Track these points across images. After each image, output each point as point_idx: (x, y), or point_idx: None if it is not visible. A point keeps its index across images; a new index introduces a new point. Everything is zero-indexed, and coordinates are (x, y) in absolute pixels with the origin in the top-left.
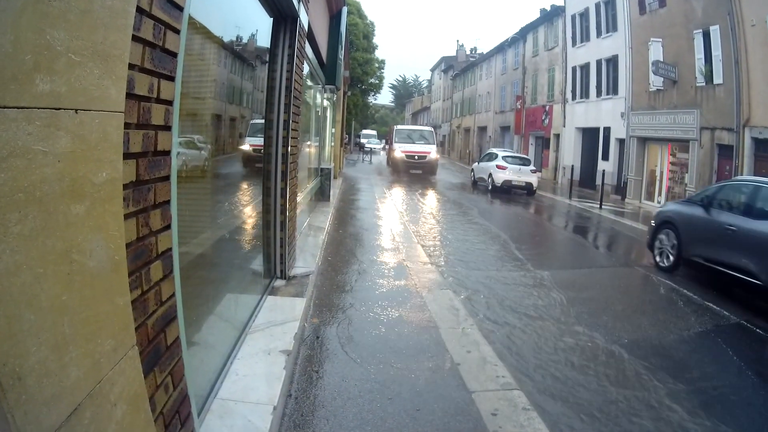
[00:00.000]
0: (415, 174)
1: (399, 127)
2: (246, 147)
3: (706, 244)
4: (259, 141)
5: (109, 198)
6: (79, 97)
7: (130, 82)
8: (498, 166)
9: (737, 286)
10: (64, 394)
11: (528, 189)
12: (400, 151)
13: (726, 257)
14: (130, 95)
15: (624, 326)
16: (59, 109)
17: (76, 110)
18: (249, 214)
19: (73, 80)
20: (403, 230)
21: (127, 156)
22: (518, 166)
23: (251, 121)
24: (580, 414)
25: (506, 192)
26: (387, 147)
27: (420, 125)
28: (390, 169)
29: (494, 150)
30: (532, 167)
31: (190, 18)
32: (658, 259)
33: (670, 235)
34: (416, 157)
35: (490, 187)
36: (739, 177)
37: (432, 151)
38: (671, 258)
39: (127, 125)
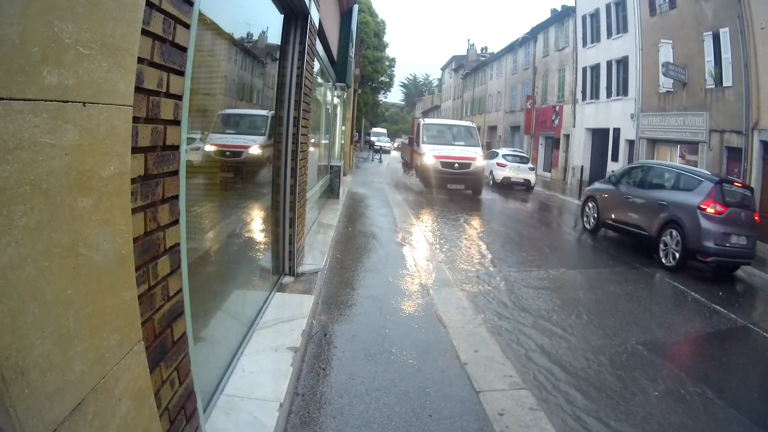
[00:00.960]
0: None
1: (427, 120)
2: (209, 148)
3: (614, 210)
4: (236, 141)
5: (117, 192)
6: (87, 90)
7: (140, 75)
8: (498, 164)
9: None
10: (67, 388)
11: (526, 185)
12: (432, 156)
13: (626, 218)
14: (139, 89)
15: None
16: (67, 101)
17: (84, 103)
18: (258, 210)
19: (82, 73)
20: (411, 227)
21: (135, 150)
22: (517, 164)
23: (220, 112)
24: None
25: (507, 188)
26: (405, 148)
27: (455, 120)
28: (413, 181)
29: (496, 149)
30: (530, 165)
31: (201, 14)
32: (585, 223)
33: (592, 206)
34: (456, 165)
35: (491, 183)
36: (640, 161)
37: (477, 157)
38: (593, 222)
39: (135, 119)
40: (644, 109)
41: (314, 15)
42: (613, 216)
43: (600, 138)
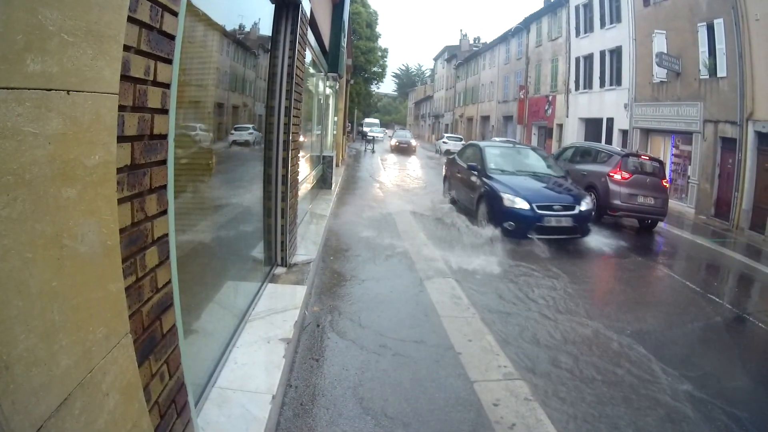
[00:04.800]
0: None
1: None
2: None
3: None
4: None
5: (102, 181)
6: (72, 77)
7: (126, 63)
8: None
9: None
10: (53, 383)
11: None
12: None
13: None
14: (125, 77)
15: None
16: (50, 89)
17: (68, 91)
18: (249, 201)
19: (66, 61)
20: (402, 210)
21: (121, 139)
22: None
23: None
24: None
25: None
26: None
27: None
28: None
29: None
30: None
31: (190, 3)
32: None
33: None
34: None
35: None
36: (571, 142)
37: None
38: None
39: (122, 108)
40: (638, 99)
41: (305, 4)
42: None
43: (593, 128)
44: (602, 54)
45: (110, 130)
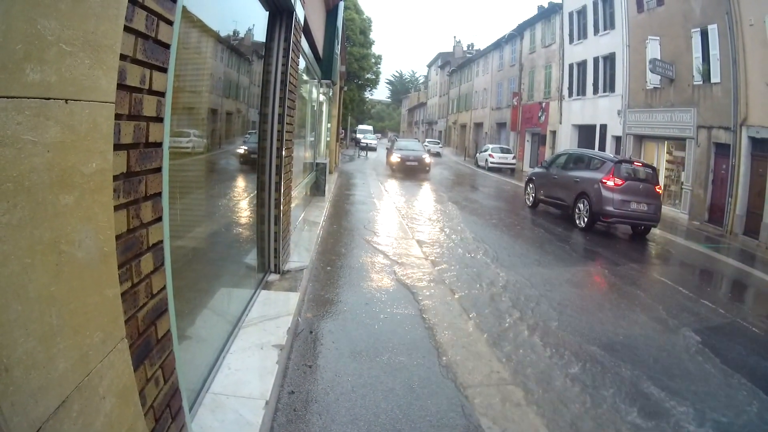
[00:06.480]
0: None
1: None
2: None
3: (545, 188)
4: None
5: (99, 189)
6: (70, 86)
7: (122, 72)
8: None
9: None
10: (51, 386)
11: (437, 154)
12: None
13: (552, 193)
14: (121, 86)
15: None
16: (49, 98)
17: (66, 100)
18: (243, 208)
19: (64, 70)
20: (397, 222)
21: (117, 147)
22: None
23: None
24: None
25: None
26: None
27: None
28: None
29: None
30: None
31: (185, 10)
32: (527, 200)
33: (531, 186)
34: None
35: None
36: (563, 149)
37: None
38: (532, 199)
39: (118, 116)
40: (631, 106)
41: (299, 12)
42: (545, 193)
43: (586, 134)
44: (596, 60)
45: (107, 138)
